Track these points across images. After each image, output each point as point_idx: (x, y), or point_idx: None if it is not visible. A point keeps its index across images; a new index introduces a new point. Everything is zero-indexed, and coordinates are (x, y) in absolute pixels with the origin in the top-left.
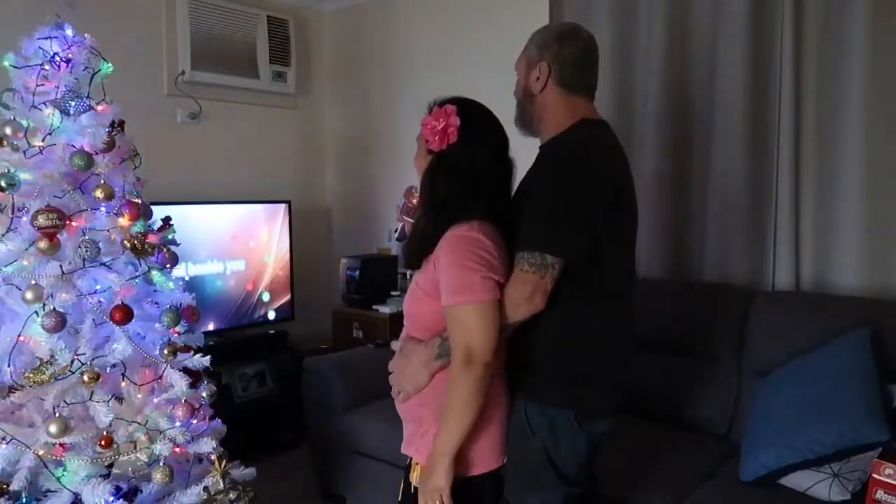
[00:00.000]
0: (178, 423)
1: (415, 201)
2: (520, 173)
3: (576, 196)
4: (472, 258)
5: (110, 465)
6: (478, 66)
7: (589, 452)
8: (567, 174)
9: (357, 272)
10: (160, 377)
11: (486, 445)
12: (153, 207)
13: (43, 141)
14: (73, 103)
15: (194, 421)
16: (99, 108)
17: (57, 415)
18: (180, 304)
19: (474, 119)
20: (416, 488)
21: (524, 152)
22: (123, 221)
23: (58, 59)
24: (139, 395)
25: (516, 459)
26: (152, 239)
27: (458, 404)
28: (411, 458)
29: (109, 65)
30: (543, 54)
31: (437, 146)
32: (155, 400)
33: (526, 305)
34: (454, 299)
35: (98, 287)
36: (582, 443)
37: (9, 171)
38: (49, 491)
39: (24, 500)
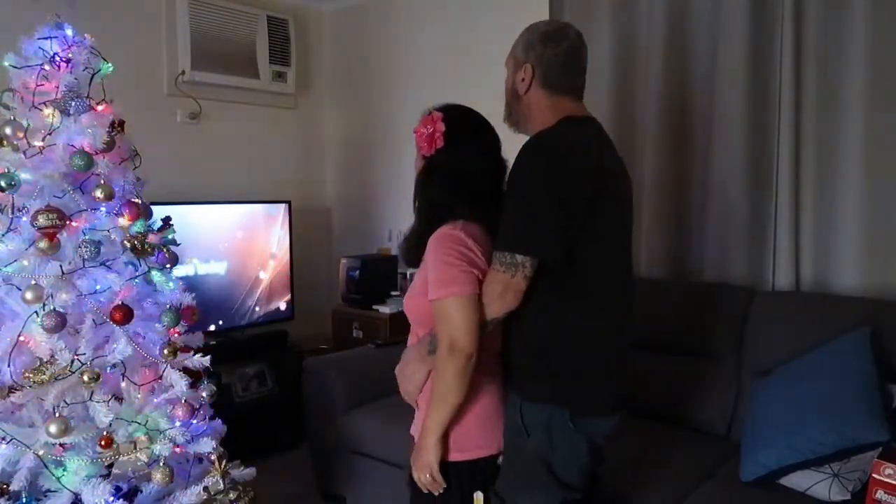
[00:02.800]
0: (178, 423)
1: None
2: None
3: (548, 195)
4: (453, 254)
5: (110, 465)
6: (477, 66)
7: (591, 456)
8: (540, 173)
9: (357, 272)
10: (160, 377)
11: (463, 434)
12: (153, 207)
13: (43, 141)
14: (73, 103)
15: (194, 421)
16: (99, 108)
17: (57, 415)
18: (180, 304)
19: (460, 124)
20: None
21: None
22: (123, 221)
23: (58, 59)
24: (139, 395)
25: (511, 458)
26: (152, 239)
27: (441, 390)
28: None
29: (109, 65)
30: (528, 55)
31: (427, 151)
32: (155, 400)
33: (497, 303)
34: (437, 293)
35: (98, 287)
36: (581, 445)
37: (9, 171)
38: (49, 491)
39: (24, 500)
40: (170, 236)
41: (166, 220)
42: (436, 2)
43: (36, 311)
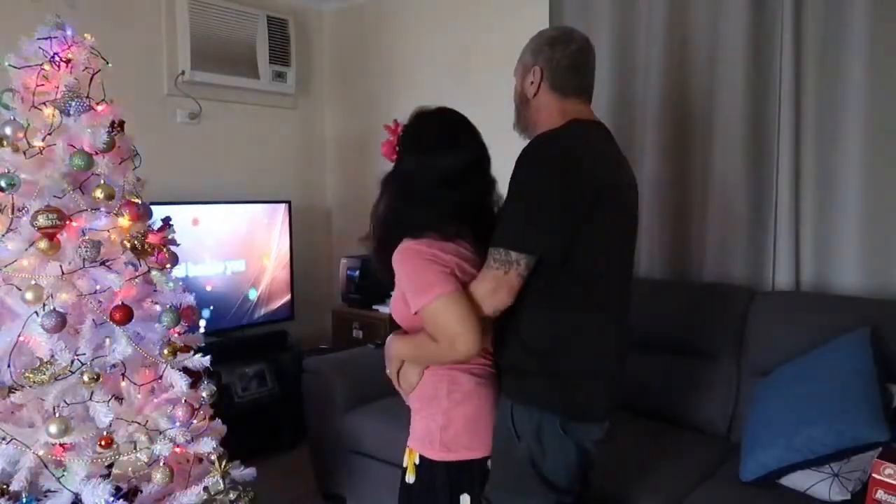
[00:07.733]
0: (178, 423)
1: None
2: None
3: (546, 193)
4: (421, 261)
5: (110, 465)
6: (477, 66)
7: (581, 460)
8: (539, 171)
9: (357, 272)
10: (160, 377)
11: (450, 435)
12: (153, 207)
13: (43, 141)
14: (73, 103)
15: (194, 421)
16: (99, 108)
17: (57, 415)
18: (180, 304)
19: (422, 133)
20: (403, 470)
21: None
22: (123, 221)
23: (58, 59)
24: (139, 395)
25: (501, 463)
26: (152, 239)
27: (425, 354)
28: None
29: (109, 65)
30: (537, 59)
31: (389, 158)
32: (155, 400)
33: (490, 300)
34: (419, 302)
35: (98, 287)
36: (571, 450)
37: (9, 171)
38: (49, 491)
39: (24, 500)
40: (170, 236)
41: (166, 221)
42: (436, 2)
43: (36, 311)
